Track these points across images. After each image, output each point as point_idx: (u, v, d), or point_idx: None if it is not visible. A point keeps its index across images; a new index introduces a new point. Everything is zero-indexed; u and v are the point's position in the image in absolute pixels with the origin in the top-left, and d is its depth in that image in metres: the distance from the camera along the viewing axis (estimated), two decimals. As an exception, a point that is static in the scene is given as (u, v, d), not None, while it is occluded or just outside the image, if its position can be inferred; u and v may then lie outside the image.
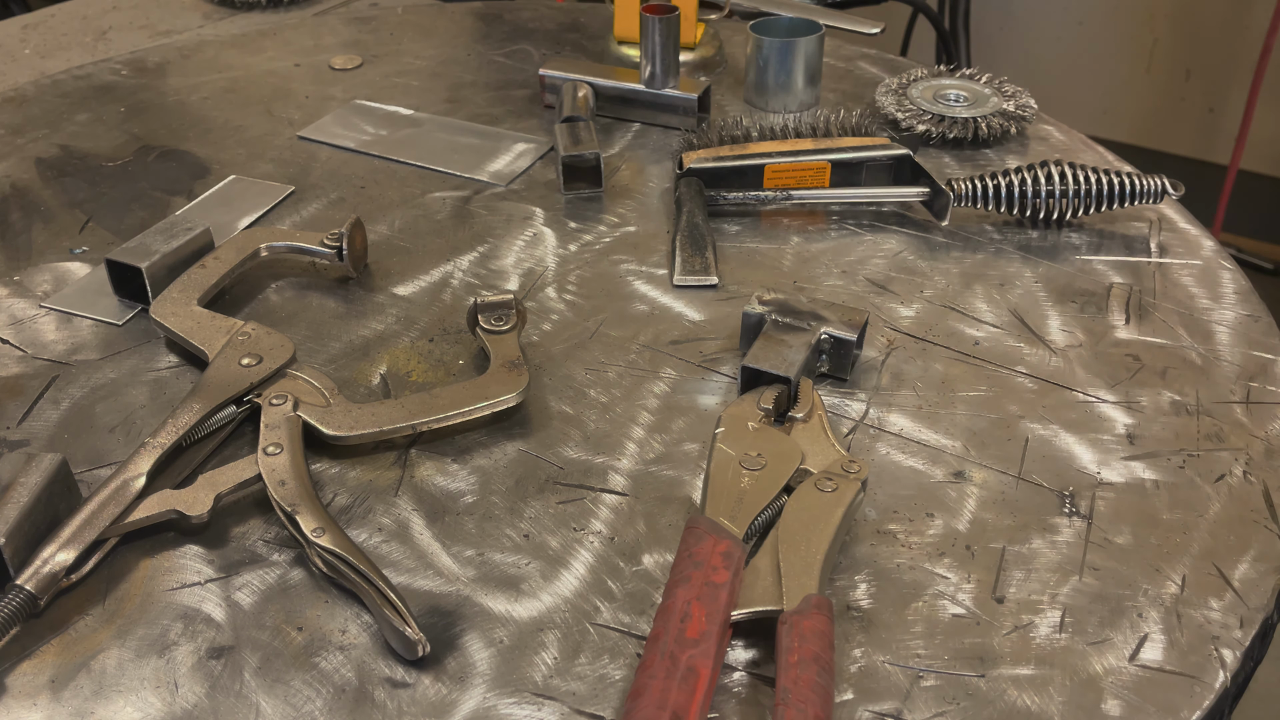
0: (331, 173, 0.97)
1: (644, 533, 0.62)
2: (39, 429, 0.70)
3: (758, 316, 0.72)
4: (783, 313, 0.72)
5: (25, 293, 0.82)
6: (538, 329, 0.78)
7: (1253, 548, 0.61)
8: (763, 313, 0.72)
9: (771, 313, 0.72)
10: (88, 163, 0.99)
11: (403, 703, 0.54)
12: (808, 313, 0.72)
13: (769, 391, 0.67)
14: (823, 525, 0.58)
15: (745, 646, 0.56)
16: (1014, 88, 1.03)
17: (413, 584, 0.59)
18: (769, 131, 0.94)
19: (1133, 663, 0.55)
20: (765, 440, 0.64)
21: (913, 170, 0.90)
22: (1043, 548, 0.61)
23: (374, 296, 0.81)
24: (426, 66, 1.15)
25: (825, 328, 0.71)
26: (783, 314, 0.72)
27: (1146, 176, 0.86)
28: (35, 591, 0.56)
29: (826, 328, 0.71)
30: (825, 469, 0.62)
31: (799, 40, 1.03)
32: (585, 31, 1.24)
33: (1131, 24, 2.51)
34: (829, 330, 0.71)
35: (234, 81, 1.12)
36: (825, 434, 0.65)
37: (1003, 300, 0.80)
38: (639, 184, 0.95)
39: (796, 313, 0.72)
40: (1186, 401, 0.71)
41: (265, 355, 0.70)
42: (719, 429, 0.64)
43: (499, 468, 0.67)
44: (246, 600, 0.59)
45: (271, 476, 0.62)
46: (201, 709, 0.53)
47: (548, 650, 0.56)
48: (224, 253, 0.80)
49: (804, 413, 0.66)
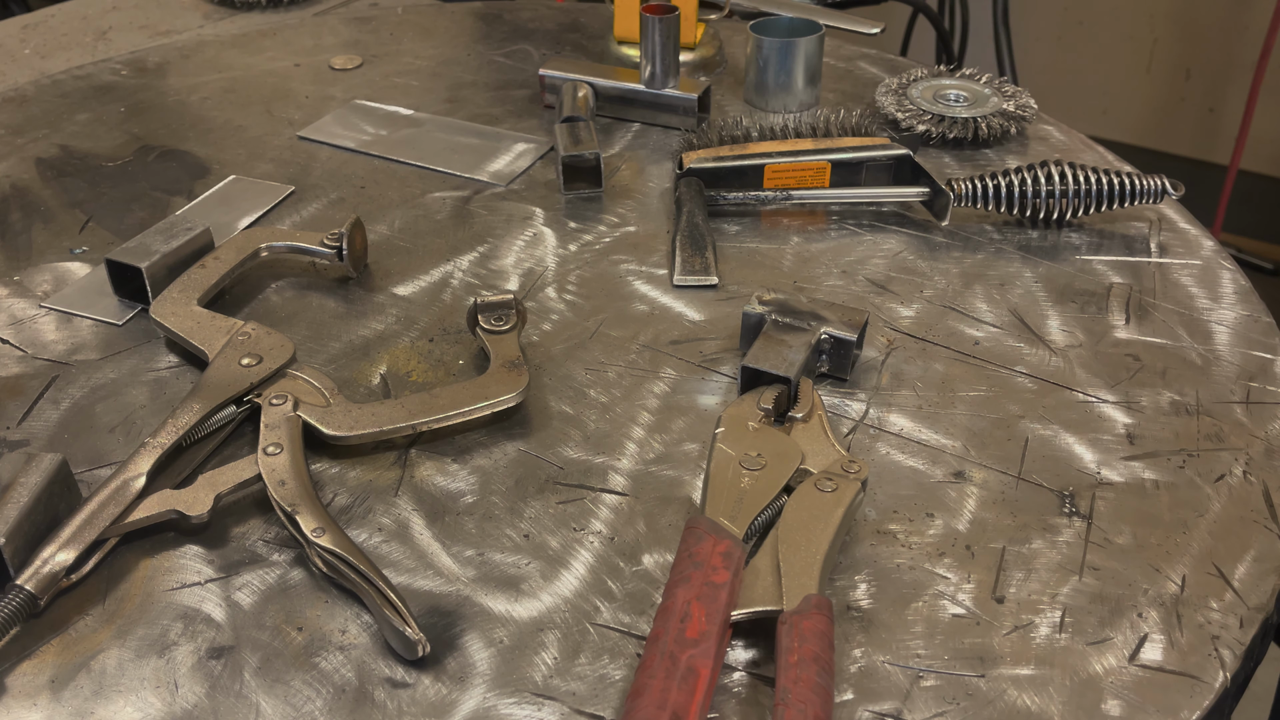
0: (331, 173, 0.97)
1: (644, 533, 0.62)
2: (39, 429, 0.70)
3: (758, 316, 0.72)
4: (783, 313, 0.72)
5: (25, 293, 0.82)
6: (538, 329, 0.78)
7: (1253, 548, 0.61)
8: (763, 313, 0.72)
9: (771, 313, 0.72)
10: (88, 163, 0.99)
11: (403, 703, 0.54)
12: (808, 313, 0.72)
13: (769, 391, 0.67)
14: (823, 525, 0.58)
15: (745, 646, 0.56)
16: (1014, 88, 1.03)
17: (413, 584, 0.59)
18: (769, 131, 0.94)
19: (1133, 663, 0.55)
20: (765, 440, 0.64)
21: (913, 170, 0.90)
22: (1043, 548, 0.61)
23: (374, 296, 0.81)
24: (426, 66, 1.15)
25: (825, 328, 0.71)
26: (783, 314, 0.72)
27: (1146, 176, 0.86)
28: (35, 591, 0.56)
29: (826, 328, 0.71)
30: (825, 469, 0.62)
31: (799, 40, 1.03)
32: (585, 31, 1.24)
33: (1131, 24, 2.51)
34: (829, 330, 0.71)
35: (234, 81, 1.12)
36: (825, 434, 0.65)
37: (1003, 300, 0.80)
38: (639, 184, 0.95)
39: (796, 313, 0.72)
40: (1186, 401, 0.71)
41: (265, 355, 0.70)
42: (719, 429, 0.64)
43: (499, 468, 0.67)
44: (246, 600, 0.59)
45: (271, 476, 0.62)
46: (201, 709, 0.53)
47: (548, 650, 0.56)
48: (224, 253, 0.80)
49: (804, 413, 0.66)
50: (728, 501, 0.59)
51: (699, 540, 0.56)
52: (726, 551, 0.56)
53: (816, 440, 0.64)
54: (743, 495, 0.60)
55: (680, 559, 0.56)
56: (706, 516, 0.59)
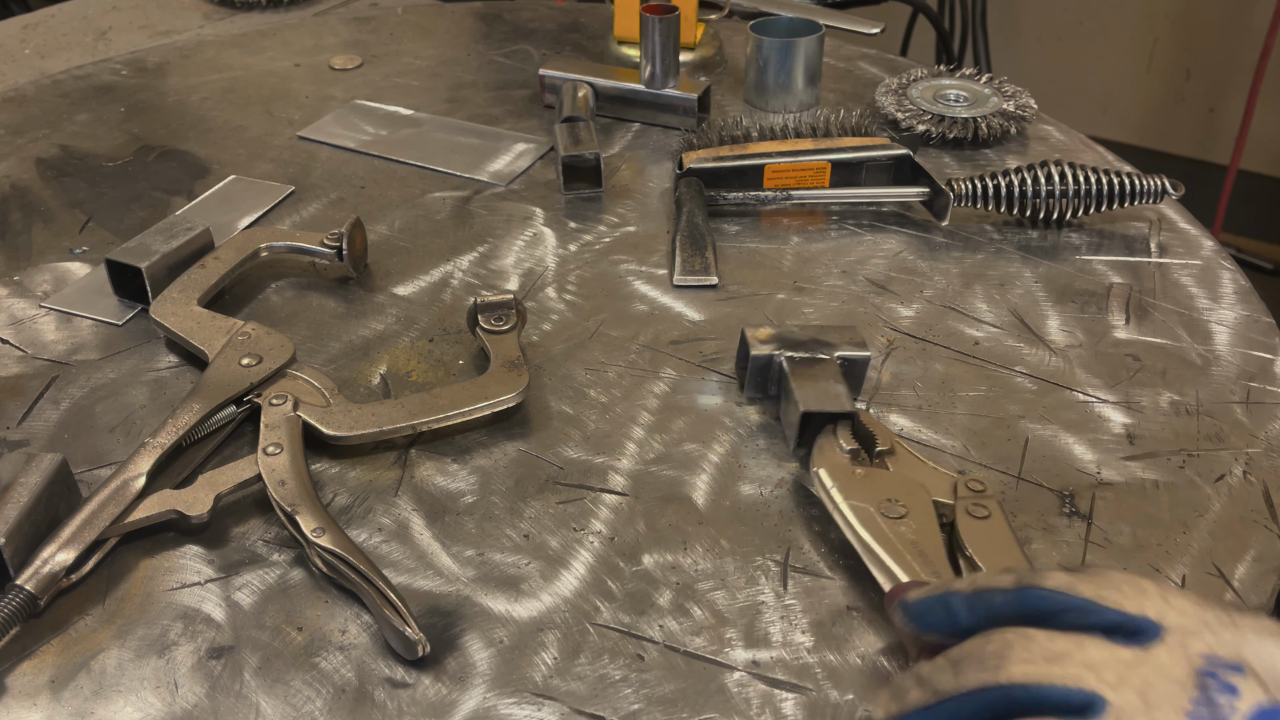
0: (331, 173, 0.97)
1: (644, 533, 0.62)
2: (39, 429, 0.70)
3: (766, 358, 0.69)
4: (789, 347, 0.69)
5: (25, 293, 0.82)
6: (538, 329, 0.78)
7: (1253, 548, 0.61)
8: (770, 353, 0.69)
9: (778, 349, 0.69)
10: (88, 163, 0.99)
11: (403, 703, 0.54)
12: (810, 340, 0.69)
13: (841, 430, 0.64)
14: (1009, 547, 0.57)
15: (745, 647, 0.56)
16: (1014, 88, 1.03)
17: (413, 584, 0.59)
18: (769, 131, 0.94)
19: (1133, 663, 0.55)
20: (882, 484, 0.61)
21: (913, 170, 0.90)
22: (1043, 548, 0.61)
23: (374, 296, 0.81)
24: (426, 66, 1.15)
25: (836, 352, 0.69)
26: (791, 349, 0.69)
27: (1146, 176, 0.86)
28: (35, 591, 0.56)
29: (838, 351, 0.69)
30: (946, 493, 0.60)
31: (799, 40, 1.03)
32: (585, 31, 1.24)
33: (1131, 24, 2.51)
34: (841, 354, 0.69)
35: (234, 81, 1.12)
36: (917, 458, 0.63)
37: (1003, 300, 0.80)
38: (639, 184, 0.95)
39: (800, 343, 0.69)
40: (1186, 401, 0.71)
41: (265, 355, 0.70)
42: (830, 485, 0.61)
43: (499, 468, 0.67)
44: (246, 600, 0.59)
45: (271, 476, 0.62)
46: (201, 709, 0.53)
47: (548, 650, 0.56)
48: (224, 253, 0.80)
49: (888, 445, 0.64)
50: (914, 557, 0.57)
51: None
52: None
53: (917, 468, 0.62)
54: (918, 546, 0.57)
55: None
56: (912, 581, 0.55)
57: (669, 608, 0.58)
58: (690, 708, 0.53)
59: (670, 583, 0.59)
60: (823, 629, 0.57)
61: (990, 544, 0.57)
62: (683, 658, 0.56)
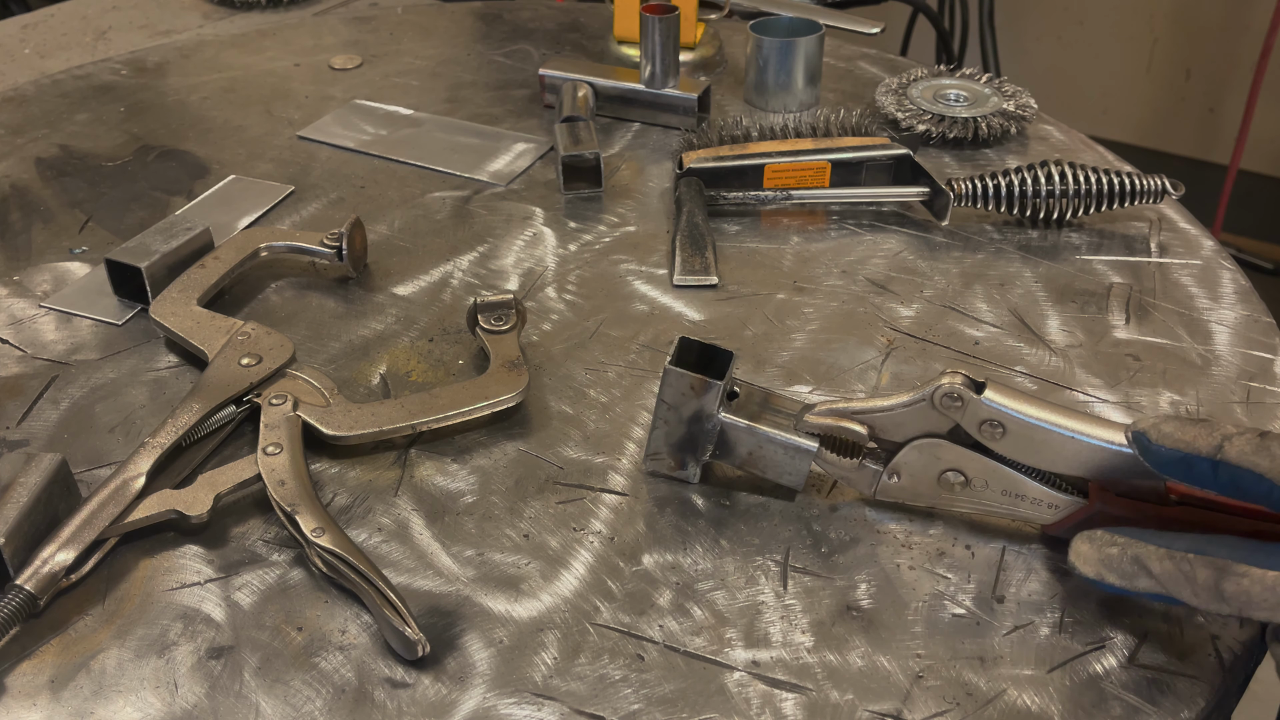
0: (331, 173, 0.97)
1: (644, 533, 0.62)
2: (39, 429, 0.70)
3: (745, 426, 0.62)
4: (760, 409, 0.63)
5: (25, 293, 0.82)
6: (538, 329, 0.78)
7: (1253, 548, 0.61)
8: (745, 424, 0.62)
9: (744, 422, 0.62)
10: (88, 163, 0.99)
11: (403, 703, 0.54)
12: (766, 406, 0.63)
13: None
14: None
15: (745, 647, 0.56)
16: (1014, 87, 1.03)
17: (413, 584, 0.59)
18: (769, 131, 0.94)
19: (1133, 663, 0.55)
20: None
21: (913, 170, 0.90)
22: (1043, 548, 0.61)
23: (374, 296, 0.81)
24: (426, 66, 1.15)
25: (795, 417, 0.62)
26: (761, 411, 0.63)
27: (1146, 176, 0.86)
28: (35, 591, 0.56)
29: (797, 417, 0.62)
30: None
31: (799, 40, 1.03)
32: (585, 31, 1.24)
33: (1131, 24, 2.51)
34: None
35: (234, 81, 1.12)
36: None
37: (1003, 300, 0.80)
38: (639, 184, 0.95)
39: (770, 411, 0.63)
40: (1186, 401, 0.71)
41: (265, 355, 0.70)
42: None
43: (499, 468, 0.67)
44: (246, 600, 0.59)
45: (271, 476, 0.62)
46: (201, 709, 0.53)
47: (548, 650, 0.56)
48: (224, 253, 0.80)
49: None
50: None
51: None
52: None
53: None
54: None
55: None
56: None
57: (669, 608, 0.58)
58: (690, 708, 0.53)
59: (670, 583, 0.59)
60: (823, 629, 0.57)
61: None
62: (683, 658, 0.56)
